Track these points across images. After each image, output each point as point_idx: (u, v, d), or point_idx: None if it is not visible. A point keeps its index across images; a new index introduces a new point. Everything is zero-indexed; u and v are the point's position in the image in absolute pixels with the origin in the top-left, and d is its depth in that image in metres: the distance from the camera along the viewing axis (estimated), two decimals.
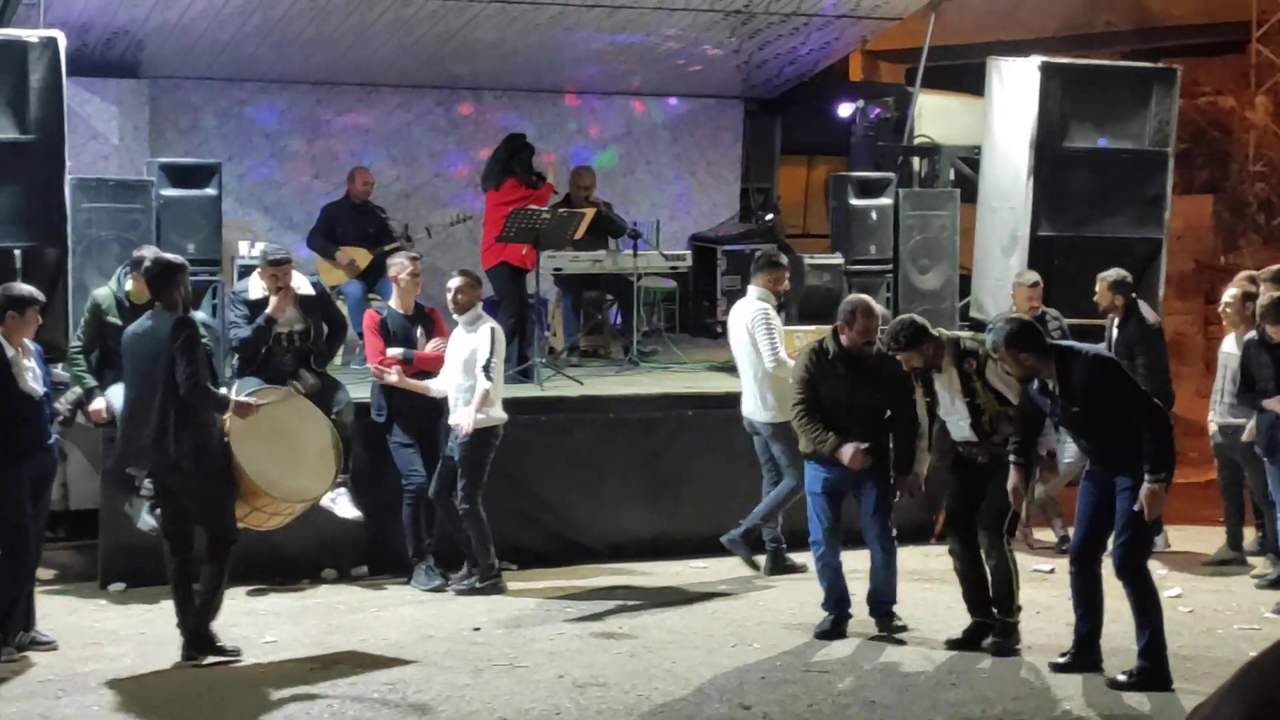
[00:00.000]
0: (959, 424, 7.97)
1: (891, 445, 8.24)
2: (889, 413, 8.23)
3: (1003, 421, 7.83)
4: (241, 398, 7.98)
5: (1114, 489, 7.38)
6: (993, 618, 8.02)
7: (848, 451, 8.05)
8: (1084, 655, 7.60)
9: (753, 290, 9.78)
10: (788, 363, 9.27)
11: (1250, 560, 10.02)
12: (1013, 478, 7.59)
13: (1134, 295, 10.44)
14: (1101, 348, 8.75)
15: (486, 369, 9.12)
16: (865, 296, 8.41)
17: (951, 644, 8.03)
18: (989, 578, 8.04)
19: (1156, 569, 9.93)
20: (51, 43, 9.55)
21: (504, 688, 7.31)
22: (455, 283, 9.34)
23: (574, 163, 13.62)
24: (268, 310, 9.31)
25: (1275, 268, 9.36)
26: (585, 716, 6.92)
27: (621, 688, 7.32)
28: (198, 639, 7.78)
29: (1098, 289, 10.31)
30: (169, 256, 8.02)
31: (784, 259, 10.14)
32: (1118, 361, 7.85)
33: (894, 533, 8.38)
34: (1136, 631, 7.43)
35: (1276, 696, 1.57)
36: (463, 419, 9.04)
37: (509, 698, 7.15)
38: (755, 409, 9.67)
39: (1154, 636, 7.38)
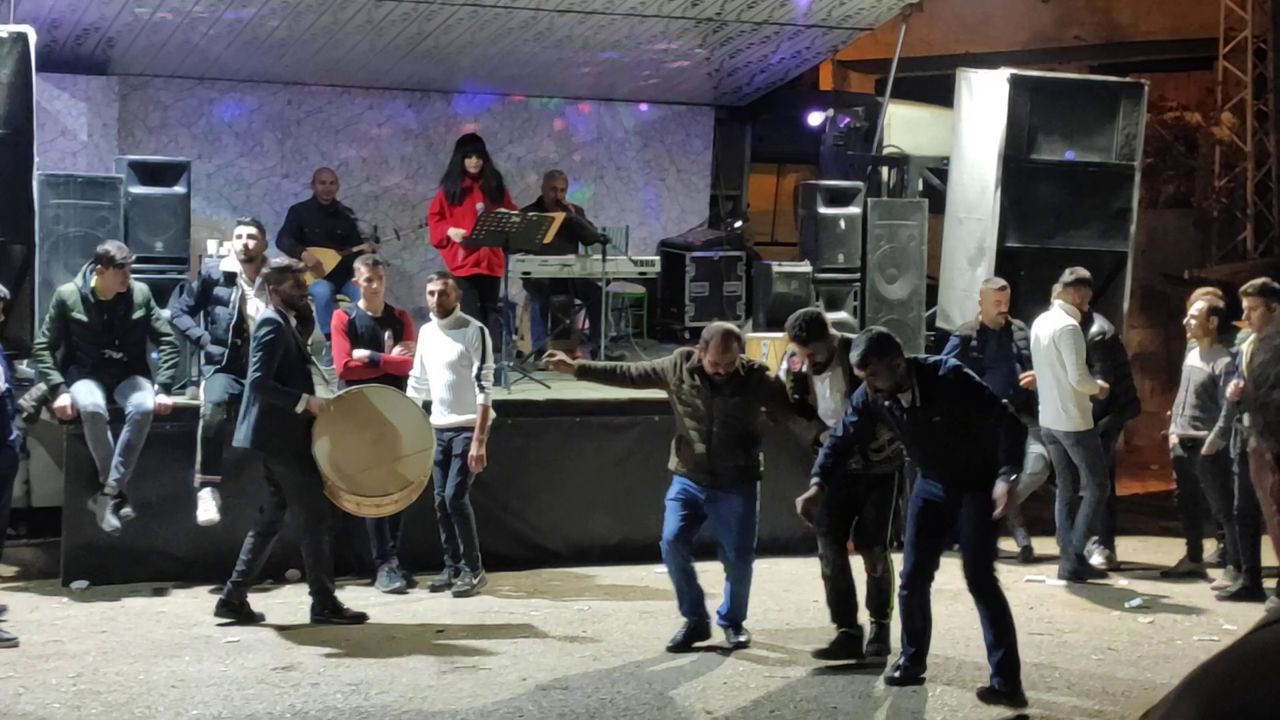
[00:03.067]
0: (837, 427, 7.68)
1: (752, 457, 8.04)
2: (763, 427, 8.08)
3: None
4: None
5: (956, 508, 7.25)
6: (857, 628, 7.97)
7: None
8: (915, 668, 7.51)
9: (1059, 305, 9.96)
10: (1091, 379, 9.75)
11: (1211, 572, 10.09)
12: (811, 493, 7.30)
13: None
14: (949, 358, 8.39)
15: (480, 378, 9.14)
16: (726, 326, 8.13)
17: (818, 654, 7.89)
18: (869, 586, 8.01)
19: (1117, 580, 10.03)
20: (21, 38, 9.52)
21: (467, 689, 7.32)
22: (437, 285, 9.34)
23: (546, 166, 13.63)
24: (239, 271, 9.46)
25: (1259, 281, 9.42)
26: (547, 719, 6.93)
27: (584, 691, 7.33)
28: (320, 601, 8.57)
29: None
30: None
31: (1089, 276, 10.18)
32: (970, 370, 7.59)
33: (752, 548, 8.10)
34: (990, 646, 7.26)
35: (1224, 705, 1.59)
36: (475, 451, 9.10)
37: (472, 699, 7.16)
38: (1055, 419, 9.91)
39: (1009, 653, 7.23)
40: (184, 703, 7.06)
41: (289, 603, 9.06)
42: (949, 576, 10.07)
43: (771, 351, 11.01)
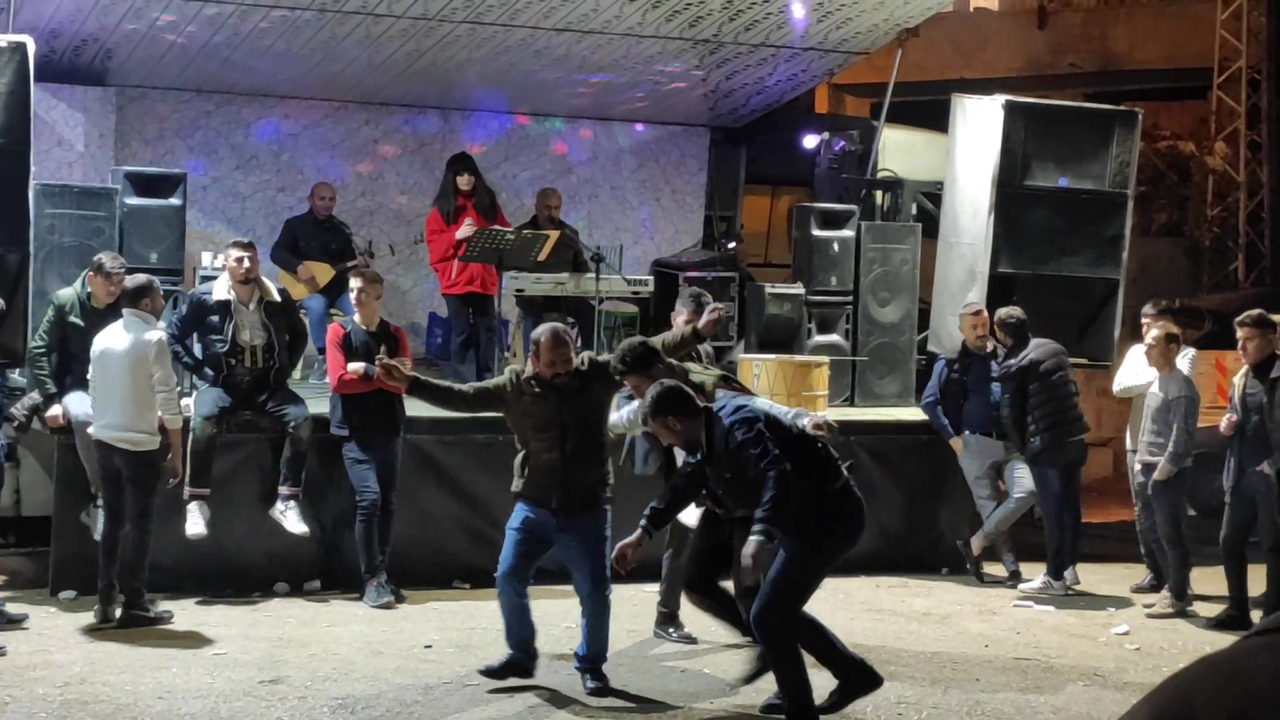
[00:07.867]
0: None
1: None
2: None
3: None
4: None
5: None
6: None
7: None
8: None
9: None
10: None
11: (1146, 598, 10.11)
12: (634, 538, 6.89)
13: (1027, 334, 10.53)
14: (736, 404, 7.08)
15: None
16: (555, 325, 7.68)
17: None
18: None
19: (1107, 607, 10.04)
20: (20, 48, 9.53)
21: (454, 705, 7.32)
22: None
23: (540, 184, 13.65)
24: (233, 299, 9.42)
25: (1255, 312, 9.47)
26: None
27: (571, 709, 7.34)
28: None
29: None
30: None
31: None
32: (755, 415, 6.77)
33: (609, 579, 7.61)
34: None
35: (1174, 706, 1.64)
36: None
37: (458, 716, 7.16)
38: None
39: (800, 711, 6.75)
40: (171, 714, 7.05)
41: (277, 616, 9.06)
42: (935, 600, 10.12)
43: (764, 373, 11.03)
